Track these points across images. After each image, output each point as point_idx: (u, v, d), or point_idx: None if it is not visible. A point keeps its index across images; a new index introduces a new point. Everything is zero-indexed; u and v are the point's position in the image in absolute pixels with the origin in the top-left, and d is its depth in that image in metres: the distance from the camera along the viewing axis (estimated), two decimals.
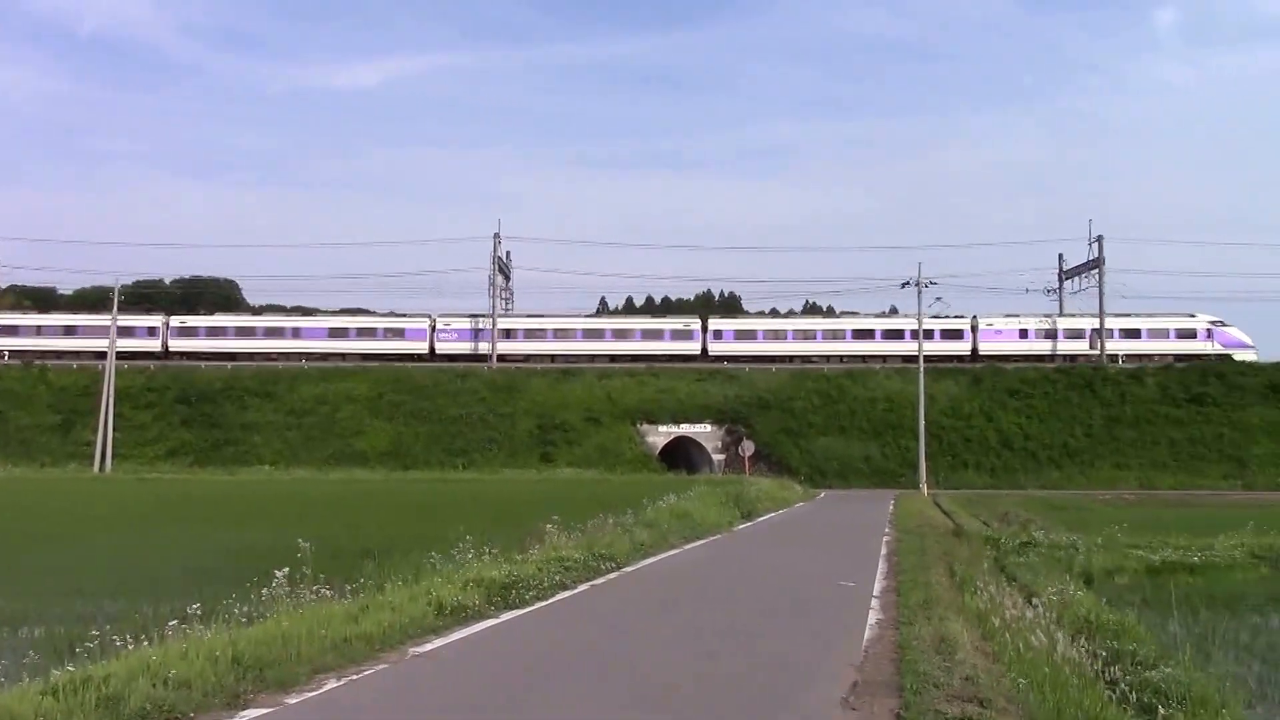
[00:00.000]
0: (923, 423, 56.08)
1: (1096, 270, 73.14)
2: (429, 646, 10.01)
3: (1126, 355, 69.83)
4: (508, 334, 72.93)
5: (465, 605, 11.79)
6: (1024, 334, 71.63)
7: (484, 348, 71.92)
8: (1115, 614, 14.47)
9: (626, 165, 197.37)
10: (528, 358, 71.32)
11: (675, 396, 65.74)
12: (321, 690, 8.18)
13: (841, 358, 70.48)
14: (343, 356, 71.90)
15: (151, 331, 72.70)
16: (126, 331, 70.28)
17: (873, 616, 12.38)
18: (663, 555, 19.29)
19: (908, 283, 57.57)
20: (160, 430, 64.40)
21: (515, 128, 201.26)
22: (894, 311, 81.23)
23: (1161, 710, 8.97)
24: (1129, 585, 21.14)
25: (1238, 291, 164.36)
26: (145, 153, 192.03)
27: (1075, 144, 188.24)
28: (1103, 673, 10.61)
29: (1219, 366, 67.16)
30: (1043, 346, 71.09)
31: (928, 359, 66.63)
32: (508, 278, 78.46)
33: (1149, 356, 69.50)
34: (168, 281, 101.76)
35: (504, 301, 76.56)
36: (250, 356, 71.67)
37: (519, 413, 65.11)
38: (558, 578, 14.43)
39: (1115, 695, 9.63)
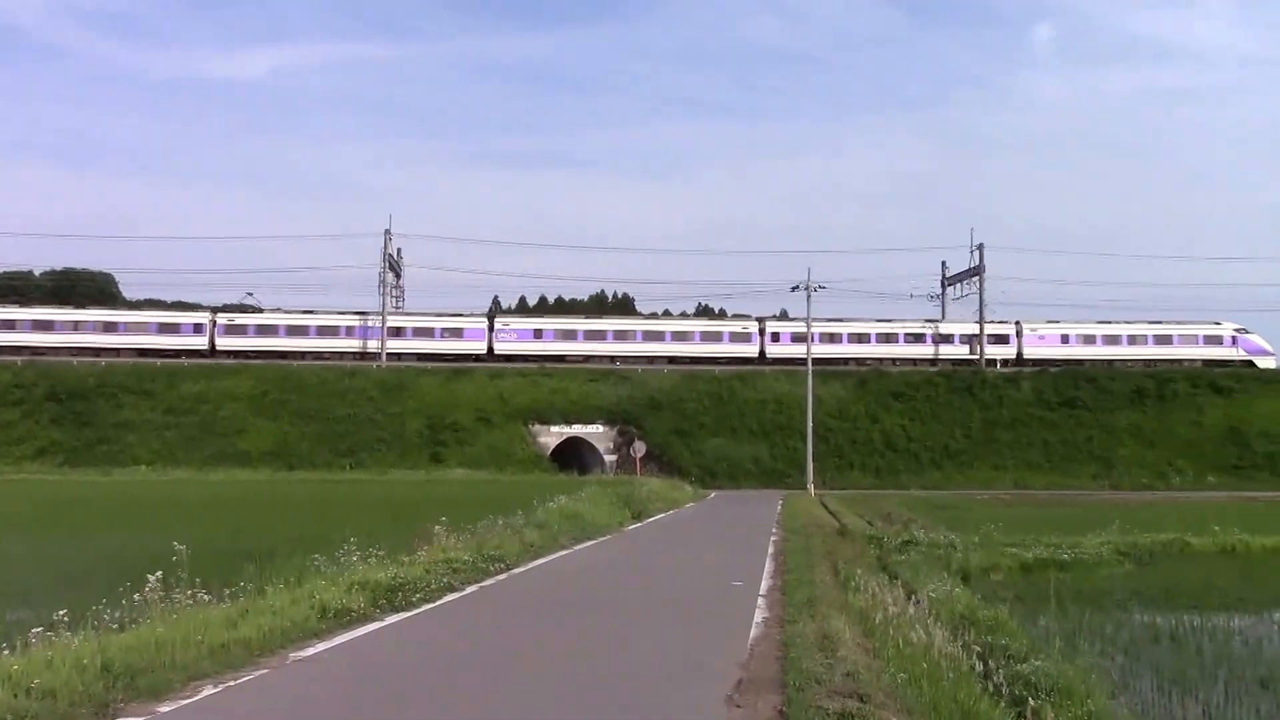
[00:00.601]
0: (810, 424, 57.02)
1: (977, 277, 75.39)
2: (310, 651, 9.82)
3: (1161, 360, 71.97)
4: (567, 334, 72.56)
5: (349, 608, 11.60)
6: (1065, 339, 73.47)
7: (547, 347, 71.43)
8: (990, 610, 14.91)
9: (520, 164, 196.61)
10: (587, 358, 70.58)
11: (568, 397, 65.67)
12: (197, 697, 7.96)
13: (895, 360, 71.57)
14: (399, 356, 70.41)
15: (198, 328, 70.73)
16: (170, 328, 69.67)
17: (759, 615, 12.51)
18: (553, 556, 19.26)
19: (797, 286, 58.54)
20: (28, 429, 61.81)
21: (408, 123, 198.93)
22: (785, 315, 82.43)
23: (1031, 702, 9.29)
24: (1004, 582, 21.80)
25: (1111, 300, 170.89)
26: (11, 138, 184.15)
27: (958, 155, 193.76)
28: (978, 666, 10.91)
29: (1088, 372, 69.84)
30: (1084, 352, 73.04)
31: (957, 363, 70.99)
32: (398, 275, 77.46)
33: (1179, 362, 71.86)
34: (38, 274, 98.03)
35: (394, 299, 75.54)
36: (301, 356, 69.86)
37: (408, 412, 64.29)
38: (446, 580, 14.30)
39: (989, 688, 9.93)
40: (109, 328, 69.77)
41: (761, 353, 71.90)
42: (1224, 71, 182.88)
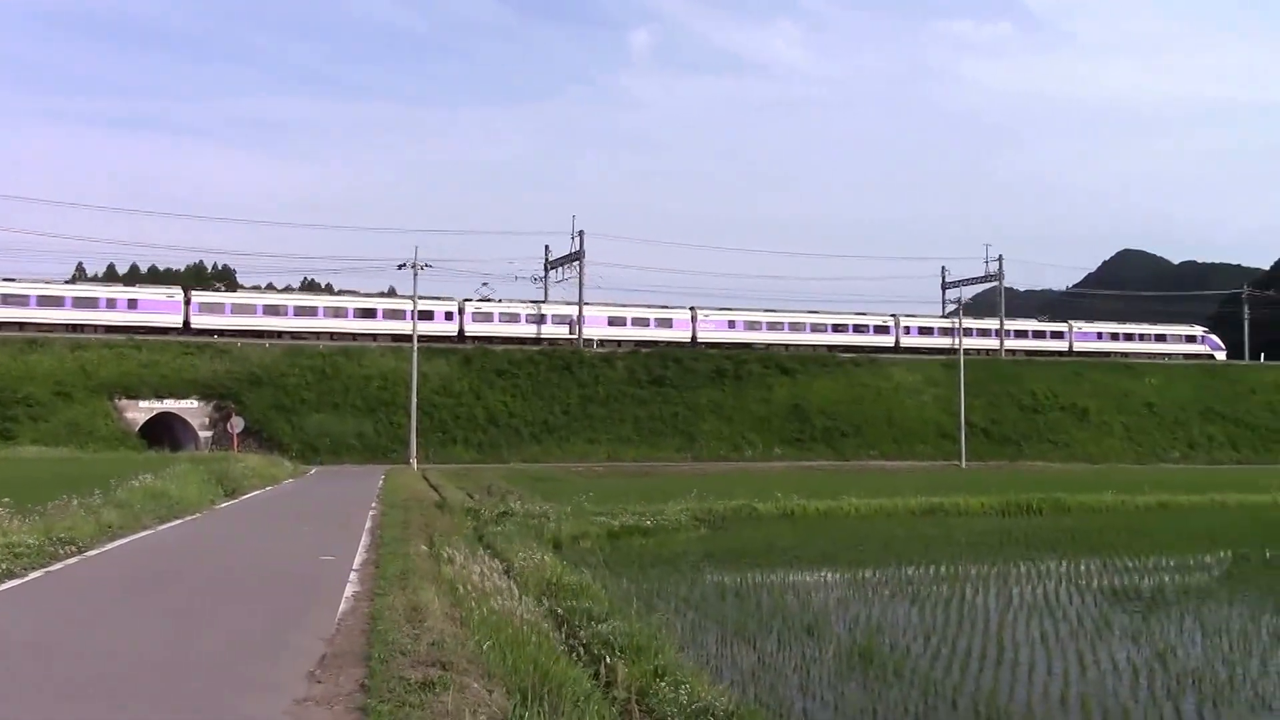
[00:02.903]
0: (415, 400, 57.00)
1: (578, 262, 78.40)
2: None
3: (1147, 353, 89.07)
4: (753, 325, 79.98)
5: None
6: (1115, 336, 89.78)
7: (739, 336, 79.15)
8: (577, 575, 15.79)
9: (117, 126, 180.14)
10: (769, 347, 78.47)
11: (159, 371, 61.45)
12: None
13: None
14: (618, 344, 75.08)
15: (449, 316, 72.73)
16: (426, 315, 69.07)
17: (350, 589, 12.53)
18: (134, 537, 18.21)
19: (404, 264, 58.06)
20: None
21: None
22: (392, 292, 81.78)
23: (607, 659, 10.03)
24: (592, 548, 23.07)
25: (695, 287, 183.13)
26: None
27: (561, 146, 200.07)
28: (561, 629, 11.60)
29: (676, 353, 74.64)
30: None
31: (1030, 353, 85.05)
32: None
33: (1162, 355, 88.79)
34: None
35: None
36: (536, 341, 73.57)
37: None
38: (5, 565, 13.20)
39: (571, 648, 10.60)
40: None
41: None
42: (798, 86, 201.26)
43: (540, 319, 75.42)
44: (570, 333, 75.22)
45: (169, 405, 60.64)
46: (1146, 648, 13.45)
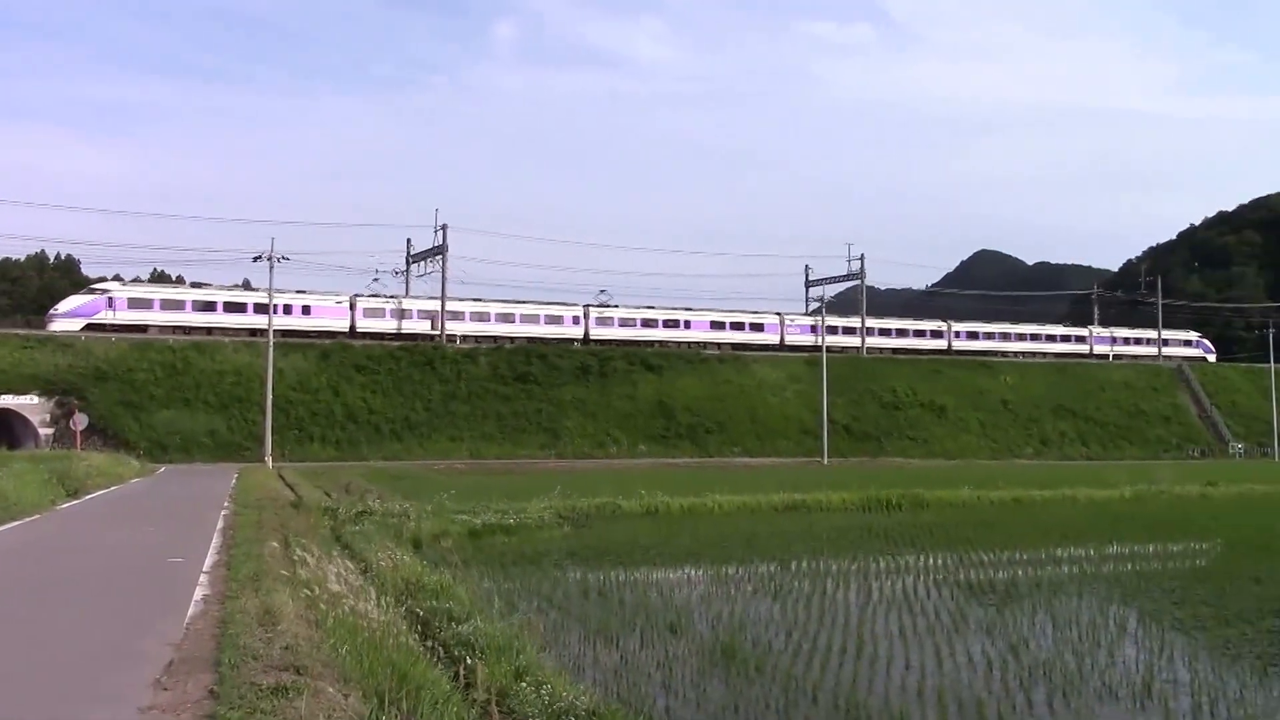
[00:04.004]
0: (270, 396, 55.40)
1: (441, 256, 77.33)
2: None
3: (1151, 355, 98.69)
4: (832, 330, 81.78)
5: None
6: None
7: (815, 340, 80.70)
8: (437, 575, 15.48)
9: None
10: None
11: None
12: None
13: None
14: (719, 346, 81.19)
15: (576, 320, 78.76)
16: (555, 319, 77.51)
17: (199, 593, 12.10)
18: None
19: (259, 256, 56.25)
20: None
21: None
22: (247, 285, 79.41)
23: (468, 660, 9.83)
24: (453, 547, 22.64)
25: (562, 282, 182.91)
26: None
27: (423, 137, 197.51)
28: (421, 630, 11.33)
29: (540, 349, 74.26)
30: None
31: (1059, 356, 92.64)
32: None
33: (1170, 358, 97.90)
34: None
35: None
36: (653, 344, 79.02)
37: None
38: None
39: (431, 650, 10.36)
40: None
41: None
42: (660, 82, 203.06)
43: (653, 323, 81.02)
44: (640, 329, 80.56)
45: (6, 401, 57.81)
46: (1000, 640, 13.83)
